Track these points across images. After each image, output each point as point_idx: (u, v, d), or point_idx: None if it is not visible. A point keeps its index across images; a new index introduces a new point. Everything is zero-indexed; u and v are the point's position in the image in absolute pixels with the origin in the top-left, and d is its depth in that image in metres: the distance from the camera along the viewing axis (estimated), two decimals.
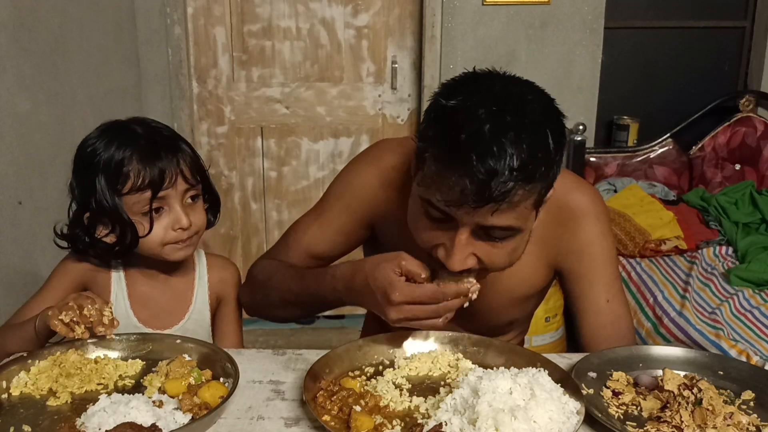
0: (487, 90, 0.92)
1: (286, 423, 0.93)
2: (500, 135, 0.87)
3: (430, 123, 0.94)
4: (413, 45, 3.09)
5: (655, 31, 3.26)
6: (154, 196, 1.14)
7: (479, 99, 0.91)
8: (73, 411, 0.94)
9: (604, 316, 1.18)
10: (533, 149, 0.88)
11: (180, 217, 1.17)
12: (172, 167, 1.15)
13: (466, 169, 0.87)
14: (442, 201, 0.91)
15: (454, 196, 0.89)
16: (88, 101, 2.39)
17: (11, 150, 1.95)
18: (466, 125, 0.88)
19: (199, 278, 1.32)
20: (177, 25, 2.93)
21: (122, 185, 1.14)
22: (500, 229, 0.94)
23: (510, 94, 0.92)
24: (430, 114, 0.96)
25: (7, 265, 1.96)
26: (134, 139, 1.16)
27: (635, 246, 2.69)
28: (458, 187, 0.88)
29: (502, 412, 0.84)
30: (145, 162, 1.14)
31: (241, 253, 3.25)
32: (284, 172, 3.20)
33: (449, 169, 0.89)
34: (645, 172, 3.19)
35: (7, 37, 1.92)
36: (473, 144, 0.87)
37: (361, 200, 1.21)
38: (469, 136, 0.87)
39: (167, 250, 1.20)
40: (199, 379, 0.98)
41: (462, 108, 0.90)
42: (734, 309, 2.25)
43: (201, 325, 1.31)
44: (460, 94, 0.92)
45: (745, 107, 3.19)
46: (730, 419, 0.91)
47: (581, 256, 1.17)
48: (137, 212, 1.16)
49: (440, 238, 0.97)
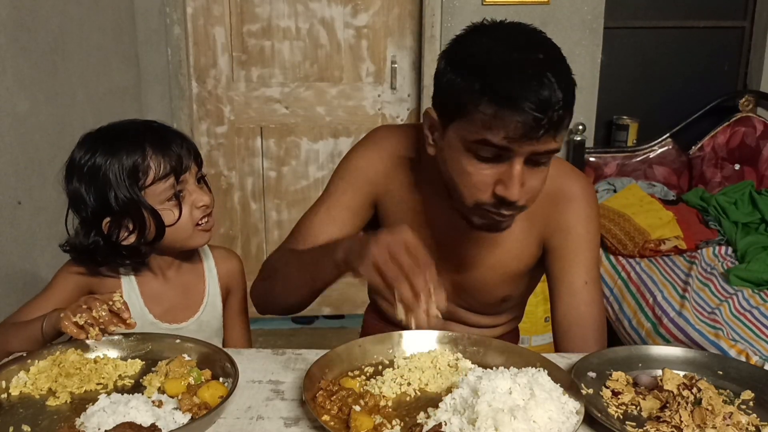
0: (508, 35, 1.02)
1: (285, 423, 0.93)
2: (544, 70, 0.96)
3: (471, 72, 0.99)
4: (413, 45, 3.09)
5: (655, 31, 3.26)
6: (177, 180, 1.19)
7: (509, 44, 1.00)
8: (73, 411, 0.94)
9: (580, 297, 1.20)
10: (568, 77, 0.99)
11: (201, 195, 1.23)
12: (184, 153, 1.20)
13: (528, 104, 0.94)
14: (505, 138, 0.97)
15: (518, 131, 0.96)
16: (87, 101, 2.39)
17: (10, 150, 1.95)
18: (510, 68, 0.97)
19: (208, 270, 1.35)
20: (176, 25, 2.93)
21: (144, 178, 1.17)
22: (548, 153, 1.02)
23: (530, 36, 1.02)
24: (460, 64, 1.01)
25: (7, 264, 1.96)
26: (136, 134, 1.19)
27: (635, 246, 2.69)
28: (521, 122, 0.95)
29: (501, 412, 0.84)
30: (162, 151, 1.18)
31: (240, 252, 3.25)
32: (284, 172, 3.20)
33: (511, 108, 0.95)
34: (644, 171, 3.19)
35: (6, 37, 1.92)
36: (526, 82, 0.95)
37: (365, 177, 1.26)
38: (519, 76, 0.96)
39: (197, 235, 1.24)
40: (199, 379, 0.98)
41: (498, 52, 0.99)
42: (734, 309, 2.25)
43: (215, 317, 1.34)
44: (485, 44, 1.01)
45: (744, 107, 3.19)
46: (729, 419, 0.91)
47: (567, 234, 1.21)
48: (162, 201, 1.19)
49: (494, 176, 1.02)
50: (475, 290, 1.28)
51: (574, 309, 1.20)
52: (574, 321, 1.20)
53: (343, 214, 1.26)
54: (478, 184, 1.03)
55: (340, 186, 1.27)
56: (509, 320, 1.40)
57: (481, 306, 1.32)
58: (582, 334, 1.19)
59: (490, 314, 1.35)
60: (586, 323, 1.19)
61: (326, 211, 1.26)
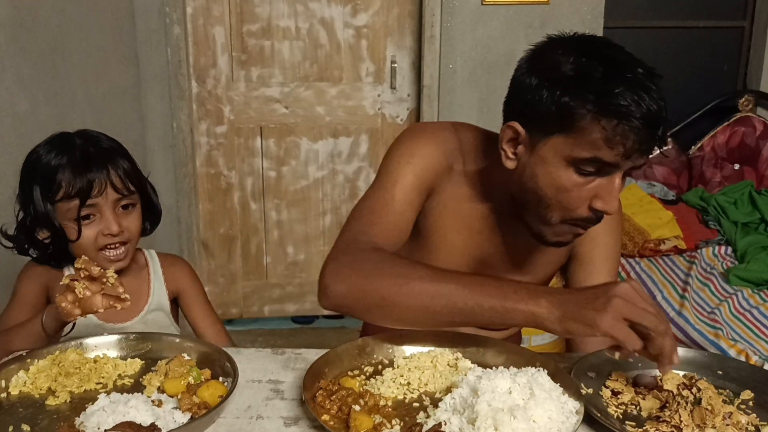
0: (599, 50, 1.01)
1: (285, 422, 0.93)
2: (649, 84, 0.97)
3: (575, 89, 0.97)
4: (412, 45, 3.09)
5: (655, 30, 3.26)
6: (83, 204, 1.22)
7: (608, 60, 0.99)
8: (72, 410, 0.94)
9: None
10: (660, 88, 0.99)
11: (110, 224, 1.25)
12: (102, 177, 1.23)
13: (642, 121, 0.95)
14: (618, 154, 0.97)
15: (634, 147, 0.97)
16: (87, 101, 2.39)
17: (10, 150, 1.95)
18: (621, 85, 0.96)
19: (154, 273, 1.41)
20: (176, 25, 2.93)
21: (54, 193, 1.22)
22: (639, 168, 1.04)
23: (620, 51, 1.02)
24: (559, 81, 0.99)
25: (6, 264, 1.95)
26: (70, 149, 1.25)
27: (634, 246, 2.69)
28: (637, 139, 0.96)
29: (501, 412, 0.84)
30: (75, 172, 1.22)
31: (240, 252, 3.25)
32: (283, 172, 3.20)
33: (626, 125, 0.95)
34: (644, 171, 3.19)
35: (6, 36, 1.92)
36: (637, 97, 0.95)
37: (426, 163, 1.16)
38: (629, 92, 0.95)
39: (99, 258, 1.26)
40: (198, 379, 0.98)
41: (601, 68, 0.98)
42: (733, 309, 2.26)
43: (162, 315, 1.39)
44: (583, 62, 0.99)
45: (744, 107, 3.19)
46: (729, 419, 0.91)
47: (596, 242, 1.23)
48: (69, 218, 1.23)
49: (593, 191, 1.02)
50: None
51: None
52: None
53: (411, 195, 1.15)
54: (576, 199, 1.02)
55: (404, 169, 1.15)
56: None
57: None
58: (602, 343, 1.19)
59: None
60: None
61: (402, 195, 1.14)
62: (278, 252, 3.26)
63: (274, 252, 3.26)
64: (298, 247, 3.25)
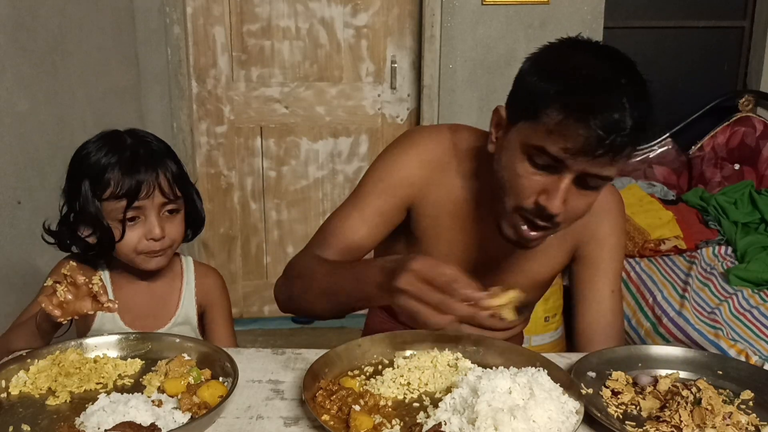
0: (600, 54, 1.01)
1: (285, 422, 0.93)
2: (623, 94, 0.94)
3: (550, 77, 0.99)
4: (412, 45, 3.09)
5: (655, 30, 3.26)
6: (129, 205, 1.19)
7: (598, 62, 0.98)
8: (72, 410, 0.94)
9: (606, 306, 1.23)
10: (646, 111, 0.97)
11: (153, 227, 1.22)
12: (151, 180, 1.20)
13: (595, 121, 0.93)
14: (563, 149, 0.96)
15: (577, 145, 0.95)
16: (87, 101, 2.39)
17: (10, 150, 1.95)
18: (592, 82, 0.96)
19: (186, 284, 1.36)
20: (176, 25, 2.93)
21: (102, 191, 1.20)
22: (600, 178, 1.00)
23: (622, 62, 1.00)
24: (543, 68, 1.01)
25: (6, 264, 1.96)
26: (121, 148, 1.22)
27: (634, 246, 2.69)
28: (583, 137, 0.94)
29: (501, 412, 0.84)
30: (125, 172, 1.19)
31: (240, 252, 3.25)
32: (283, 172, 3.20)
33: (577, 120, 0.94)
34: (644, 171, 3.19)
35: (5, 36, 1.92)
36: (602, 99, 0.94)
37: (399, 180, 1.21)
38: (597, 90, 0.95)
39: (140, 259, 1.24)
40: (198, 379, 0.98)
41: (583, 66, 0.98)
42: (733, 309, 2.25)
43: (187, 329, 1.34)
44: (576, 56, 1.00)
45: (744, 107, 3.19)
46: (729, 419, 0.91)
47: (601, 244, 1.24)
48: (114, 218, 1.21)
49: (542, 184, 1.01)
50: None
51: (602, 317, 1.23)
52: (600, 329, 1.22)
53: (376, 219, 1.21)
54: (524, 188, 1.03)
55: (375, 189, 1.22)
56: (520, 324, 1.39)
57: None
58: (606, 342, 1.21)
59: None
60: (610, 331, 1.22)
61: (359, 214, 1.21)
62: (278, 252, 3.26)
63: (274, 252, 3.26)
64: (298, 247, 3.23)
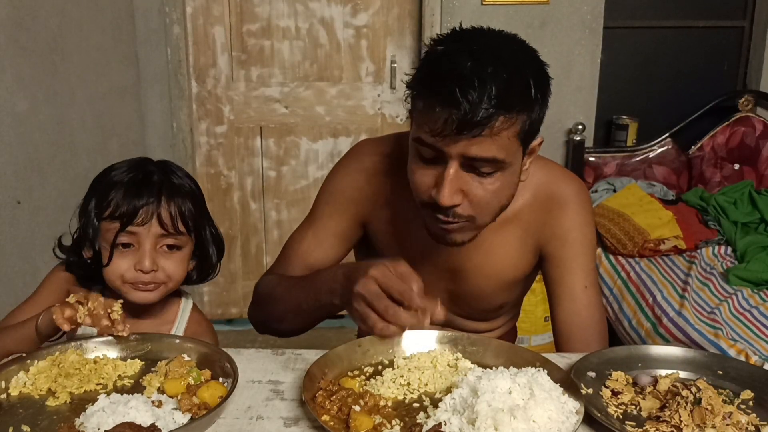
0: (470, 39, 1.01)
1: (285, 423, 0.93)
2: (480, 70, 0.94)
3: (419, 68, 1.03)
4: (412, 44, 3.09)
5: (654, 30, 3.26)
6: (123, 228, 1.14)
7: (461, 45, 0.99)
8: (72, 411, 0.94)
9: (580, 302, 1.21)
10: (510, 82, 0.95)
11: (144, 258, 1.15)
12: (151, 208, 1.15)
13: (448, 99, 0.94)
14: (429, 133, 0.97)
15: (438, 125, 0.96)
16: (86, 101, 2.39)
17: (10, 150, 1.95)
18: (449, 64, 0.97)
19: (178, 325, 1.29)
20: (176, 25, 2.93)
21: (103, 210, 1.16)
22: (485, 160, 0.99)
23: (489, 43, 1.01)
24: (420, 63, 1.04)
25: (6, 264, 1.96)
26: (137, 172, 1.18)
27: (634, 246, 2.69)
28: (442, 117, 0.95)
29: (501, 412, 0.84)
30: (126, 194, 1.15)
31: (240, 252, 3.25)
32: (283, 172, 3.20)
33: (433, 101, 0.96)
34: (644, 171, 3.19)
35: (5, 36, 1.92)
36: (454, 78, 0.94)
37: (349, 199, 1.24)
38: (451, 71, 0.95)
39: (126, 288, 1.17)
40: (198, 379, 0.98)
41: (445, 52, 0.99)
42: (733, 309, 2.26)
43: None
44: (444, 44, 1.01)
45: (744, 107, 3.19)
46: (729, 419, 0.91)
47: (564, 241, 1.21)
48: (107, 240, 1.16)
49: (432, 177, 1.02)
50: (472, 299, 1.28)
51: (576, 314, 1.21)
52: (576, 325, 1.21)
53: (331, 240, 1.25)
54: (419, 185, 1.04)
55: (326, 210, 1.26)
56: (506, 322, 1.40)
57: (479, 313, 1.32)
58: (584, 338, 1.20)
59: (488, 320, 1.35)
60: (587, 327, 1.21)
61: (313, 235, 1.25)
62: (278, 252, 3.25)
63: (274, 252, 3.26)
64: None
